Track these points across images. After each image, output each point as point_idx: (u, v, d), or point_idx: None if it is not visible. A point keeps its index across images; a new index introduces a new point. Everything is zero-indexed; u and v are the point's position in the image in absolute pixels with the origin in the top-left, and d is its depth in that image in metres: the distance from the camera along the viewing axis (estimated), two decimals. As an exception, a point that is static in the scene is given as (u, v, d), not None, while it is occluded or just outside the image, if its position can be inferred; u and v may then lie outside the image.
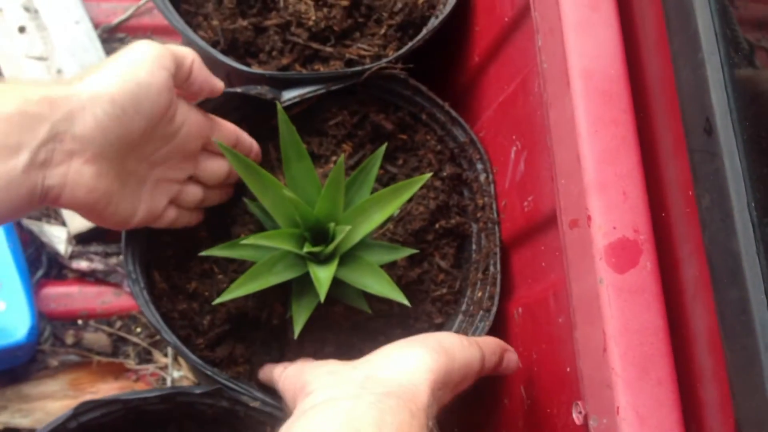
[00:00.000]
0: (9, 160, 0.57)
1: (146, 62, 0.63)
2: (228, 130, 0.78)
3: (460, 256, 0.90)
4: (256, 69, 0.85)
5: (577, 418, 0.59)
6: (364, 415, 0.51)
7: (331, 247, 0.76)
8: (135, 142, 0.65)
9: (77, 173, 0.61)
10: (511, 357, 0.70)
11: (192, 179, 0.76)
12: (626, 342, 0.54)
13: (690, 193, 0.53)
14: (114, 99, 0.61)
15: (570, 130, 0.58)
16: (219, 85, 0.73)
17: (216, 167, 0.77)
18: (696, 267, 0.54)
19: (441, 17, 0.89)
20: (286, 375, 0.69)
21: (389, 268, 0.85)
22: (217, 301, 0.73)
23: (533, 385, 0.77)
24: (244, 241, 0.74)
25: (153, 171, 0.70)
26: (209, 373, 0.73)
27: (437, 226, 0.88)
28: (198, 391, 0.71)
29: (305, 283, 0.78)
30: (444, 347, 0.61)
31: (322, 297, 0.72)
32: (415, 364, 0.59)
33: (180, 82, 0.68)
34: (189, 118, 0.71)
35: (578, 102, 0.58)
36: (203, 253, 0.76)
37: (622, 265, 0.55)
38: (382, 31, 0.92)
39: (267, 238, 0.74)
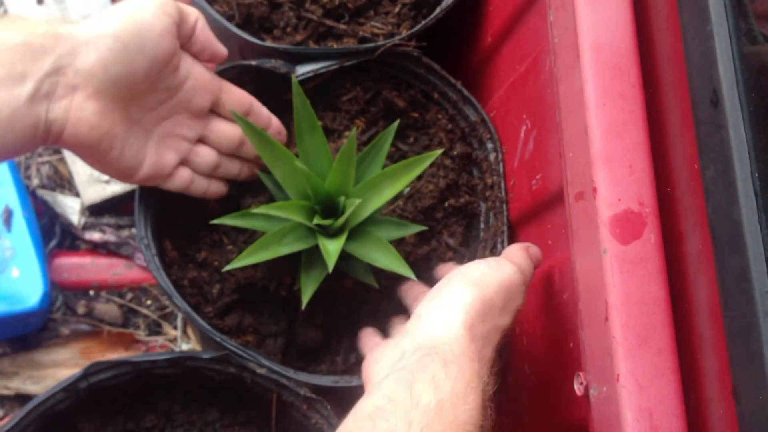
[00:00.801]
0: (14, 89, 0.57)
1: (151, 6, 0.65)
2: (239, 94, 0.77)
3: (468, 234, 0.91)
4: (270, 43, 0.86)
5: (578, 389, 0.60)
6: (397, 385, 0.53)
7: (341, 220, 0.77)
8: (138, 85, 0.66)
9: (79, 108, 0.61)
10: (534, 250, 0.70)
11: (204, 141, 0.76)
12: (628, 312, 0.54)
13: (695, 166, 0.53)
14: (117, 35, 0.62)
15: (579, 103, 0.59)
16: (222, 49, 0.73)
17: (228, 131, 0.77)
18: (699, 240, 0.55)
19: (455, -4, 0.89)
20: (363, 366, 0.67)
21: (398, 244, 0.85)
22: (227, 268, 0.74)
23: (537, 362, 0.77)
24: (255, 210, 0.75)
25: (159, 124, 0.71)
26: (218, 339, 0.74)
27: (446, 204, 0.89)
28: (206, 356, 0.73)
29: (314, 255, 0.79)
30: (472, 280, 0.61)
31: (330, 267, 0.73)
32: (446, 312, 0.59)
33: (183, 36, 0.69)
34: (194, 73, 0.71)
35: (588, 75, 0.58)
36: (215, 221, 0.77)
37: (626, 236, 0.56)
38: (396, 9, 0.92)
39: (278, 209, 0.75)
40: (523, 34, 0.83)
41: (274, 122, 0.81)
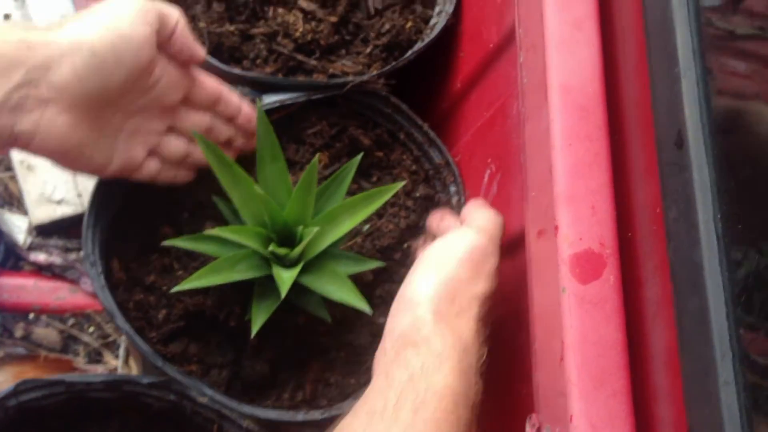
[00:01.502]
0: None
1: (130, 15, 0.62)
2: (209, 86, 0.75)
3: (426, 276, 0.89)
4: (239, 71, 0.85)
5: (530, 431, 0.58)
6: (375, 383, 0.57)
7: (298, 249, 0.75)
8: (113, 94, 0.64)
9: (50, 122, 0.59)
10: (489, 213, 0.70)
11: (173, 131, 0.74)
12: (584, 352, 0.53)
13: (657, 210, 0.53)
14: (94, 49, 0.60)
15: (545, 143, 0.59)
16: (200, 52, 0.71)
17: (197, 120, 0.75)
18: (658, 285, 0.55)
19: (427, 41, 0.90)
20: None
21: (353, 282, 0.84)
22: (177, 288, 0.72)
23: (485, 410, 0.76)
24: (209, 232, 0.73)
25: (129, 120, 0.69)
26: (159, 364, 0.71)
27: (405, 245, 0.88)
28: (146, 381, 0.69)
29: (267, 285, 0.77)
30: (433, 263, 0.63)
31: (283, 294, 0.71)
32: (412, 306, 0.61)
33: (162, 39, 0.67)
34: (168, 72, 0.69)
35: (555, 116, 0.59)
36: (166, 243, 0.75)
37: (585, 276, 0.55)
38: (368, 50, 0.93)
39: (233, 233, 0.74)
40: (492, 80, 0.84)
41: (245, 109, 0.78)
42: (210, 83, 0.75)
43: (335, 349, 0.84)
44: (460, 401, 0.55)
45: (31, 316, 1.02)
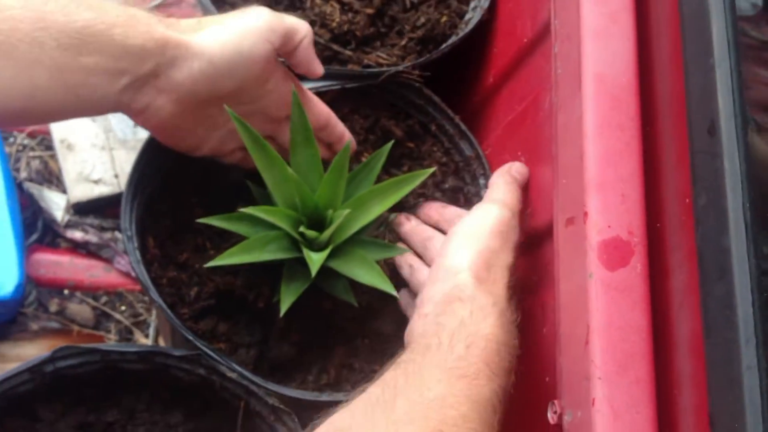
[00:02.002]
0: (113, 81, 0.62)
1: (253, 33, 0.68)
2: (319, 109, 0.80)
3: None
4: (277, 57, 0.87)
5: (551, 418, 0.59)
6: (425, 327, 0.62)
7: (327, 233, 0.77)
8: (221, 98, 0.70)
9: (158, 107, 0.67)
10: (517, 168, 0.76)
11: (271, 138, 0.79)
12: (608, 337, 0.54)
13: (687, 200, 0.54)
14: (213, 60, 0.66)
15: (577, 132, 0.60)
16: (318, 69, 0.76)
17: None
18: (685, 274, 0.55)
19: (461, 35, 0.91)
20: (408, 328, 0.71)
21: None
22: (209, 264, 0.73)
23: (509, 397, 0.76)
24: (242, 210, 0.74)
25: (230, 122, 0.73)
26: (190, 337, 0.73)
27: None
28: (177, 353, 0.71)
29: (296, 267, 0.78)
30: (467, 235, 0.68)
31: (313, 273, 0.72)
32: (452, 273, 0.65)
33: (284, 53, 0.73)
34: (281, 87, 0.74)
35: (588, 104, 0.59)
36: (200, 220, 0.77)
37: (613, 262, 0.56)
38: (403, 42, 0.94)
39: (265, 212, 0.75)
40: (525, 75, 0.84)
41: (346, 137, 0.83)
42: (320, 108, 0.80)
43: (360, 335, 0.85)
44: (503, 349, 0.60)
45: (66, 292, 1.04)
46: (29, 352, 0.98)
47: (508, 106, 0.88)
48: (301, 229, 0.76)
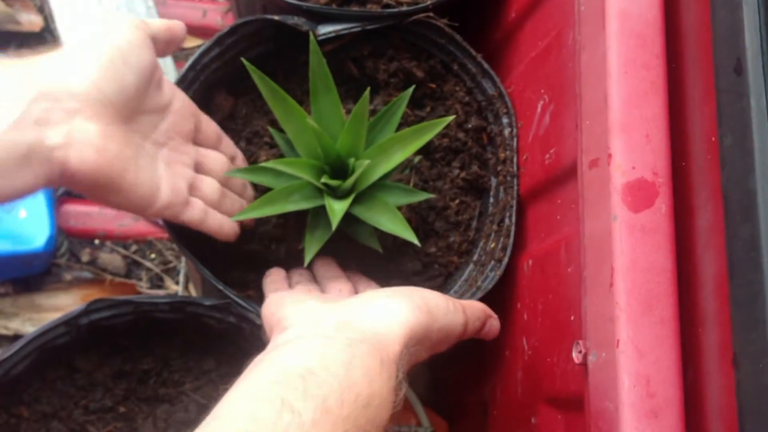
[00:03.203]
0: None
1: (123, 23, 0.65)
2: (212, 124, 0.78)
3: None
4: (294, 1, 0.86)
5: (576, 357, 0.60)
6: (335, 356, 0.52)
7: (350, 181, 0.77)
8: (131, 102, 0.64)
9: (82, 131, 0.58)
10: (494, 324, 0.69)
11: (202, 170, 0.75)
12: (633, 278, 0.54)
13: (713, 139, 0.53)
14: (100, 53, 0.61)
15: (600, 71, 0.59)
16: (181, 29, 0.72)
17: (217, 157, 0.76)
18: (710, 214, 0.55)
19: (482, -31, 0.89)
20: (267, 303, 0.68)
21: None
22: (234, 218, 0.74)
23: (536, 336, 0.77)
24: (265, 164, 0.75)
25: (160, 150, 0.69)
26: (220, 287, 0.74)
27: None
28: (207, 303, 0.73)
29: (320, 216, 0.79)
30: (428, 306, 0.60)
31: (334, 226, 0.73)
32: (394, 315, 0.58)
33: (160, 49, 0.69)
34: (177, 94, 0.71)
35: (611, 43, 0.58)
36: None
37: (637, 204, 0.55)
38: (423, -22, 0.92)
39: (287, 165, 0.75)
40: (547, 10, 0.82)
41: (240, 156, 0.81)
42: (212, 122, 0.78)
43: (387, 277, 0.86)
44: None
45: (96, 242, 1.06)
46: (64, 301, 1.00)
47: (531, 42, 0.87)
48: (324, 179, 0.76)
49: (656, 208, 0.55)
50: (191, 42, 1.14)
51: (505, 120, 0.88)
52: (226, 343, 0.78)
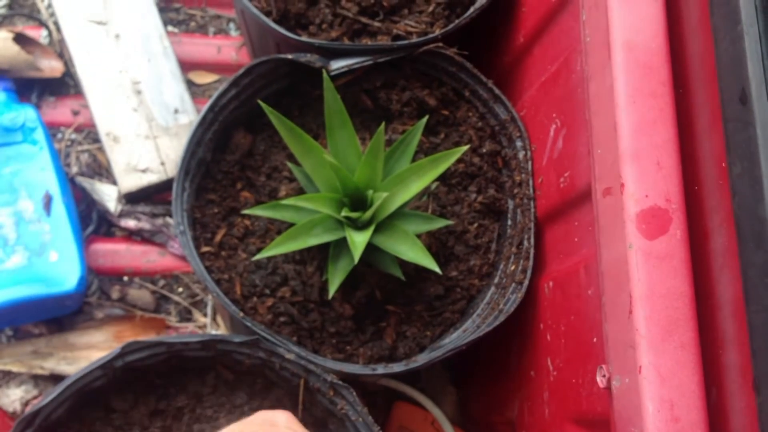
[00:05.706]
0: None
1: None
2: None
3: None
4: (306, 38, 0.88)
5: (600, 381, 0.61)
6: None
7: (369, 213, 0.79)
8: None
9: None
10: None
11: None
12: (651, 305, 0.55)
13: (723, 165, 0.54)
14: None
15: (609, 101, 0.60)
16: None
17: None
18: (724, 237, 0.56)
19: (489, -4, 0.91)
20: None
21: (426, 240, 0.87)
22: (257, 257, 0.76)
23: (560, 357, 0.78)
24: (285, 201, 0.77)
25: None
26: (248, 323, 0.76)
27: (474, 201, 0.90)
28: (237, 340, 0.74)
29: (342, 247, 0.81)
30: None
31: (356, 258, 0.74)
32: None
33: None
34: None
35: (618, 73, 0.59)
36: (246, 212, 0.80)
37: (652, 231, 0.57)
38: (430, 8, 0.94)
39: (307, 200, 0.77)
40: (555, 35, 0.84)
41: None
42: None
43: (410, 303, 0.88)
44: None
45: (125, 278, 1.08)
46: (97, 339, 1.03)
47: (540, 66, 0.88)
48: (344, 212, 0.78)
49: (671, 234, 0.57)
50: (207, 78, 1.17)
51: (518, 143, 0.90)
52: (257, 377, 0.79)
